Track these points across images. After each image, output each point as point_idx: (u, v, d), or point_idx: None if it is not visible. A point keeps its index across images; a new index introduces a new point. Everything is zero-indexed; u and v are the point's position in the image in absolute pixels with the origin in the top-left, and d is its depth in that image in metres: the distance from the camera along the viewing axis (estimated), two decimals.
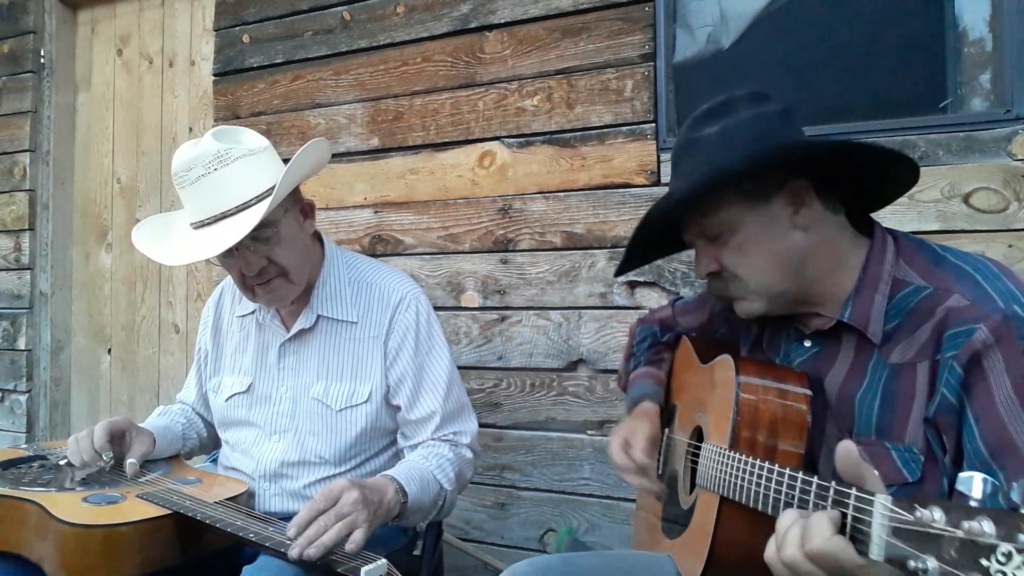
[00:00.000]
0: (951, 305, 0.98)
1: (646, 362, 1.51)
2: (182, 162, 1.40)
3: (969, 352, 0.94)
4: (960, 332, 0.95)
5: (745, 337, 1.30)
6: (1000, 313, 0.94)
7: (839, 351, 1.10)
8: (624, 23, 2.19)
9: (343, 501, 1.20)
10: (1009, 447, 0.91)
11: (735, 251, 1.09)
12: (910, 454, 1.00)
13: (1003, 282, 0.98)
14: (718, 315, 1.41)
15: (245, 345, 1.64)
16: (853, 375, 1.08)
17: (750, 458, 1.01)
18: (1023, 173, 1.78)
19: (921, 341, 1.01)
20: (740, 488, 1.01)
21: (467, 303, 2.39)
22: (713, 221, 1.09)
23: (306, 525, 1.17)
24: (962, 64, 1.91)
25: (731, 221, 1.08)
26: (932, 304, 1.00)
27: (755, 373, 1.12)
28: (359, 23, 2.59)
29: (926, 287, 1.03)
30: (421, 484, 1.40)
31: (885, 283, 1.06)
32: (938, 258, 1.06)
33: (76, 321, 3.41)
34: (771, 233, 1.08)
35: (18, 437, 3.28)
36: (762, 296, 1.10)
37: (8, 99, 3.36)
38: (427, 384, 1.53)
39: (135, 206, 3.26)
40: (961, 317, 0.96)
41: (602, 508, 2.19)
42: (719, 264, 1.11)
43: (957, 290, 0.99)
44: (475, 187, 2.39)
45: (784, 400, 1.08)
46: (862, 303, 1.06)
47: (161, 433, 1.62)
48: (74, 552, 1.22)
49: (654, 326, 1.56)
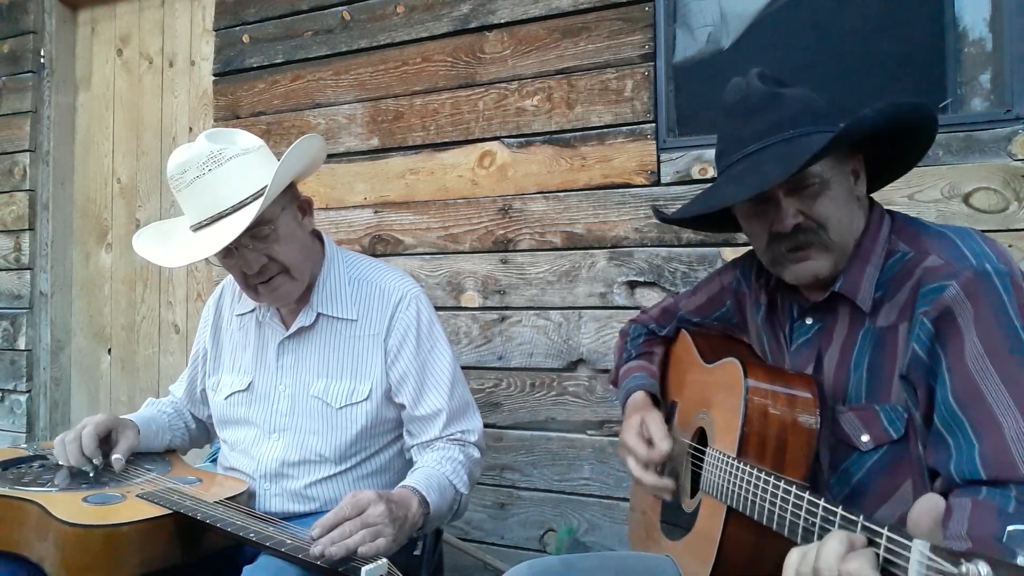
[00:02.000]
0: (927, 265, 1.02)
1: (637, 355, 1.52)
2: (176, 165, 1.41)
3: (939, 308, 0.97)
4: (932, 288, 0.99)
5: (756, 306, 1.32)
6: (971, 270, 0.97)
7: (836, 325, 1.13)
8: (624, 23, 2.19)
9: (370, 512, 1.19)
10: (976, 398, 0.93)
11: (828, 203, 1.09)
12: (895, 412, 1.04)
13: (978, 243, 1.01)
14: (726, 289, 1.41)
15: (245, 343, 1.64)
16: (847, 346, 1.11)
17: (760, 473, 1.00)
18: (1023, 173, 1.78)
19: (901, 303, 1.04)
20: (749, 503, 1.01)
21: (467, 303, 2.39)
22: (808, 172, 1.08)
23: (331, 528, 1.16)
24: (962, 64, 1.91)
25: (825, 176, 1.08)
26: (911, 266, 1.05)
27: (764, 378, 1.12)
28: (359, 23, 2.60)
29: (908, 252, 1.07)
30: (440, 492, 1.40)
31: (878, 256, 1.10)
32: (925, 228, 1.10)
33: (76, 321, 3.41)
34: (847, 195, 1.11)
35: (18, 437, 3.28)
36: (836, 250, 1.10)
37: (8, 99, 3.36)
38: (431, 382, 1.52)
39: (135, 206, 3.26)
40: (935, 275, 1.00)
41: (602, 508, 2.19)
42: (805, 215, 1.09)
43: (934, 251, 1.03)
44: (475, 187, 2.39)
45: (793, 407, 1.08)
46: (853, 274, 1.10)
47: (145, 424, 1.63)
48: (74, 552, 1.22)
49: (649, 323, 1.56)
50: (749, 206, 1.14)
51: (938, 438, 0.97)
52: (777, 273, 1.17)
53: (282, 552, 1.17)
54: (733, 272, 1.41)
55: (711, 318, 1.45)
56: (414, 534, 1.37)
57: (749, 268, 1.36)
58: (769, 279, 1.27)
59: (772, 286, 1.27)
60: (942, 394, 0.96)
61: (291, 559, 1.17)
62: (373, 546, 1.16)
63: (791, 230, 1.09)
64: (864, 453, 1.06)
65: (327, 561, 1.13)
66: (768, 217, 1.12)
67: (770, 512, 0.97)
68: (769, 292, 1.28)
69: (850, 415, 1.08)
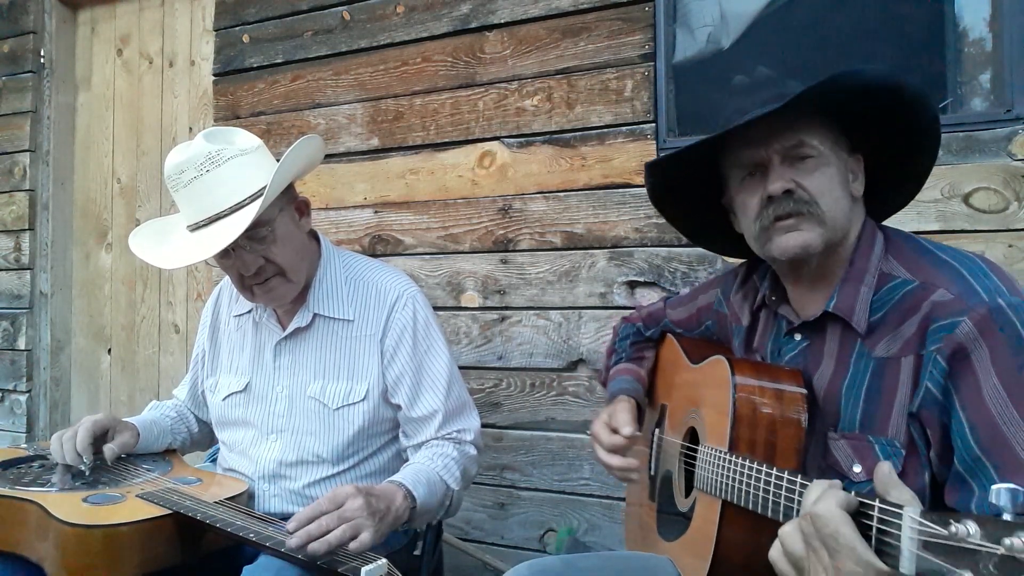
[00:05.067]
0: (936, 299, 0.99)
1: (627, 359, 1.52)
2: (174, 165, 1.41)
3: (953, 345, 0.94)
4: (944, 325, 0.96)
5: (737, 328, 1.30)
6: (984, 306, 0.94)
7: (825, 344, 1.11)
8: (624, 23, 2.19)
9: (348, 506, 1.20)
10: (1001, 444, 0.91)
11: (821, 177, 1.07)
12: (892, 447, 1.01)
13: (989, 277, 0.99)
14: (705, 308, 1.42)
15: (242, 344, 1.64)
16: (839, 368, 1.09)
17: (752, 462, 1.01)
18: (1023, 173, 1.78)
19: (906, 336, 1.01)
20: (743, 493, 1.02)
21: (467, 303, 2.39)
22: (803, 141, 1.07)
23: (307, 522, 1.17)
24: (962, 64, 1.91)
25: (821, 151, 1.07)
26: (918, 298, 1.01)
27: (750, 374, 1.12)
28: (359, 23, 2.60)
29: (912, 281, 1.04)
30: (428, 487, 1.40)
31: (872, 276, 1.07)
32: (925, 252, 1.07)
33: (76, 321, 3.41)
34: (843, 181, 1.09)
35: (18, 437, 3.28)
36: (827, 226, 1.07)
37: (8, 99, 3.36)
38: (427, 382, 1.52)
39: (135, 206, 3.26)
40: (946, 311, 0.97)
41: (602, 508, 2.19)
42: (796, 184, 1.07)
43: (942, 284, 1.00)
44: (475, 187, 2.39)
45: (780, 400, 1.09)
46: (847, 293, 1.07)
47: (147, 427, 1.63)
48: (74, 552, 1.22)
49: (637, 323, 1.56)
50: (744, 176, 1.13)
51: (959, 481, 0.94)
52: (766, 253, 1.13)
53: (282, 552, 1.17)
54: (714, 291, 1.40)
55: (693, 334, 1.46)
56: (401, 528, 1.37)
57: (729, 287, 1.36)
58: (755, 296, 1.25)
59: (757, 304, 1.25)
60: (961, 436, 0.93)
61: (291, 559, 1.17)
62: (356, 542, 1.16)
63: (781, 193, 1.06)
64: (856, 483, 1.03)
65: (310, 557, 1.14)
66: (763, 186, 1.09)
67: (764, 499, 0.97)
68: (753, 310, 1.26)
69: (843, 443, 1.06)
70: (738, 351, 1.29)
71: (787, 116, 1.04)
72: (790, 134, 1.07)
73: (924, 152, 1.13)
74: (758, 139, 1.08)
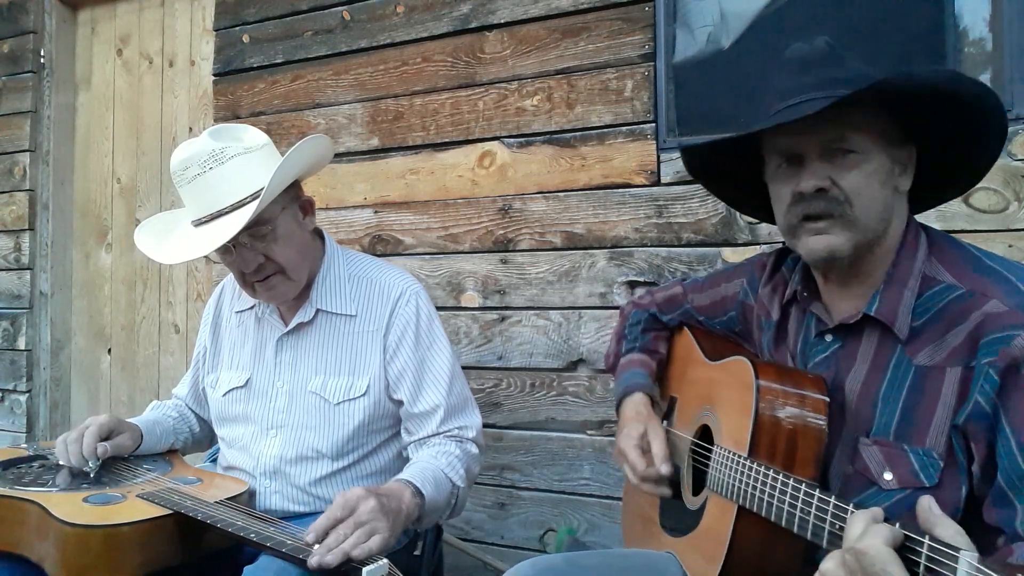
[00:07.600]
0: (988, 310, 0.95)
1: (640, 348, 1.48)
2: (179, 161, 1.43)
3: (1007, 359, 0.91)
4: (998, 339, 0.93)
5: (767, 322, 1.26)
6: None
7: (859, 347, 1.08)
8: (624, 23, 2.19)
9: (361, 510, 1.19)
10: None
11: (859, 175, 1.02)
12: (929, 459, 0.98)
13: None
14: (731, 298, 1.37)
15: (243, 340, 1.64)
16: (874, 373, 1.05)
17: (771, 472, 1.00)
18: (1023, 173, 1.78)
19: (953, 345, 0.98)
20: (762, 502, 1.01)
21: (467, 303, 2.39)
22: (845, 135, 1.02)
23: (324, 533, 1.16)
24: (962, 64, 1.91)
25: (865, 146, 1.02)
26: (967, 308, 0.98)
27: (774, 378, 1.10)
28: (359, 23, 2.59)
29: (958, 287, 1.00)
30: (435, 484, 1.40)
31: (915, 279, 1.04)
32: (973, 259, 1.03)
33: (76, 321, 3.41)
34: (885, 177, 1.04)
35: (18, 437, 3.28)
36: (858, 229, 1.03)
37: (8, 99, 3.36)
38: (429, 378, 1.52)
39: (135, 206, 3.26)
40: (1000, 323, 0.94)
41: (602, 508, 2.19)
42: (832, 182, 1.03)
43: (995, 295, 0.96)
44: (475, 187, 2.39)
45: (803, 407, 1.06)
46: (890, 297, 1.04)
47: (149, 428, 1.63)
48: (74, 552, 1.22)
49: (651, 308, 1.51)
50: (780, 163, 1.08)
51: (1002, 498, 0.92)
52: (793, 246, 1.11)
53: (282, 552, 1.17)
54: (739, 281, 1.35)
55: (714, 322, 1.42)
56: (411, 527, 1.37)
57: (756, 279, 1.31)
58: (784, 289, 1.22)
59: (787, 298, 1.21)
60: (1008, 453, 0.91)
61: (291, 559, 1.17)
62: (367, 546, 1.15)
63: (813, 191, 1.02)
64: (884, 491, 1.01)
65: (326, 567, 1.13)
66: (798, 178, 1.05)
67: (788, 513, 0.96)
68: (783, 305, 1.22)
69: (874, 449, 1.03)
70: (767, 346, 1.26)
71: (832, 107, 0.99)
72: (833, 126, 1.02)
73: (985, 147, 1.07)
74: (798, 128, 1.03)
